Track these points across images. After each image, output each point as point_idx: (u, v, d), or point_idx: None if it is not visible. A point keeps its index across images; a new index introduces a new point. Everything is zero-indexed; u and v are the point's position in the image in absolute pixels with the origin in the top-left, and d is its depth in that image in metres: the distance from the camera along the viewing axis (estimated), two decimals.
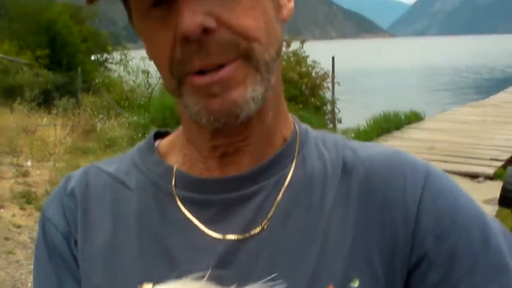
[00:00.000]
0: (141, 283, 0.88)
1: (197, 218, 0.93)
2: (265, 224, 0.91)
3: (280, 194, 0.93)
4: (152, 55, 0.90)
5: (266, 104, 0.90)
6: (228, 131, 0.91)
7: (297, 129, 1.01)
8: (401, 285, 0.90)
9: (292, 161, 0.96)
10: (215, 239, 0.91)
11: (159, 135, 1.09)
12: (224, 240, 0.90)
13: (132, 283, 0.90)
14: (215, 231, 0.91)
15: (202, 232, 0.92)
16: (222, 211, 0.93)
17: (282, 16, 0.93)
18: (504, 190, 1.16)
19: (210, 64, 0.82)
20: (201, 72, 0.83)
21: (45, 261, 1.00)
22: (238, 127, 0.90)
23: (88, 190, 1.01)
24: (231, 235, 0.90)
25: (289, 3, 0.95)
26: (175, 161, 1.00)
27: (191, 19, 0.79)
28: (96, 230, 0.98)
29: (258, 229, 0.91)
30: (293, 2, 0.95)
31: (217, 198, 0.94)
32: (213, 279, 0.74)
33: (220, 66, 0.82)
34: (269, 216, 0.92)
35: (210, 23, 0.80)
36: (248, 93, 0.84)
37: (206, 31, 0.80)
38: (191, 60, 0.82)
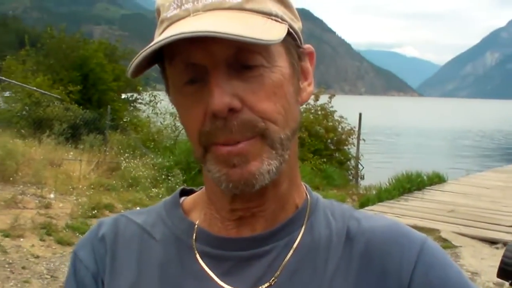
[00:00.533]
0: None
1: (212, 270, 1.05)
2: (272, 281, 1.02)
3: (289, 255, 1.05)
4: (184, 124, 1.03)
5: (281, 176, 1.03)
6: (246, 197, 1.03)
7: (309, 197, 1.13)
8: None
9: (302, 226, 1.08)
10: None
11: (184, 192, 1.21)
12: None
13: None
14: (228, 283, 1.02)
15: (216, 283, 1.03)
16: (236, 266, 1.04)
17: (301, 98, 1.07)
18: (501, 263, 1.21)
19: (231, 140, 0.94)
20: (224, 144, 0.95)
21: None
22: (255, 194, 1.02)
23: (117, 238, 1.14)
24: None
25: (309, 87, 1.09)
26: (197, 217, 1.13)
27: (220, 99, 0.92)
28: (122, 274, 1.10)
29: (266, 285, 1.02)
30: (312, 86, 1.09)
31: (232, 254, 1.05)
32: None
33: (239, 142, 0.94)
34: (277, 274, 1.03)
35: (236, 104, 0.93)
36: (264, 166, 0.96)
37: (232, 110, 0.93)
38: (216, 134, 0.95)
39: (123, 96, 25.50)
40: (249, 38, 0.87)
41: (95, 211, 10.19)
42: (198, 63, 0.94)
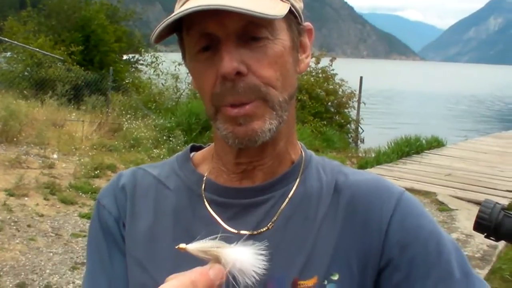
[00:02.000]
0: (172, 262, 1.17)
1: (219, 216, 1.23)
2: (270, 225, 1.20)
3: (284, 204, 1.23)
4: (197, 87, 1.18)
5: (279, 135, 1.19)
6: (249, 153, 1.21)
7: (303, 154, 1.31)
8: (372, 282, 1.18)
9: (296, 179, 1.26)
10: (232, 232, 1.19)
11: (193, 148, 1.39)
12: (238, 234, 1.18)
13: (166, 261, 1.22)
14: (232, 227, 1.20)
15: (222, 227, 1.20)
16: (239, 212, 1.22)
17: (299, 69, 1.23)
18: (477, 217, 1.31)
19: (238, 101, 1.09)
20: (232, 105, 1.11)
21: (99, 237, 1.31)
22: (256, 150, 1.19)
23: (135, 187, 1.32)
24: (244, 231, 1.19)
25: (306, 59, 1.25)
26: (205, 170, 1.31)
27: (230, 64, 1.07)
28: (141, 218, 1.28)
29: (265, 229, 1.20)
30: (310, 58, 1.26)
31: (236, 202, 1.23)
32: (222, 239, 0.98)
33: (245, 103, 1.10)
34: (274, 219, 1.21)
35: (243, 69, 1.08)
36: (266, 125, 1.12)
37: (239, 74, 1.08)
38: (225, 95, 1.10)
39: (125, 57, 25.44)
40: (257, 12, 1.02)
41: (98, 171, 10.31)
42: (212, 32, 1.09)
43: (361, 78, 20.52)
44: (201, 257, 0.94)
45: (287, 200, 1.22)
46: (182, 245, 0.95)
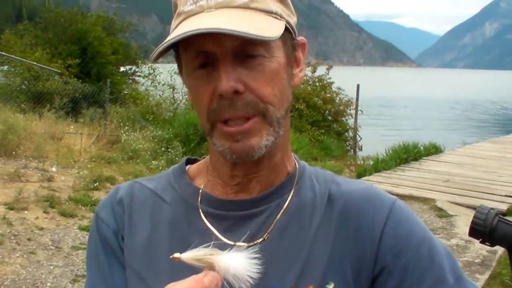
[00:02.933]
0: (169, 273, 1.18)
1: (215, 228, 1.25)
2: (266, 236, 1.23)
3: (279, 215, 1.25)
4: (194, 102, 1.21)
5: (275, 148, 1.23)
6: (245, 166, 1.23)
7: (297, 165, 1.34)
8: None
9: (291, 190, 1.29)
10: (228, 244, 1.20)
11: (189, 161, 1.41)
12: (234, 245, 1.19)
13: (163, 272, 1.24)
14: (228, 238, 1.22)
15: (219, 239, 1.22)
16: (235, 224, 1.24)
17: (293, 82, 1.25)
18: (472, 222, 1.32)
19: (235, 116, 1.12)
20: (228, 121, 1.14)
21: (98, 250, 1.33)
22: (252, 163, 1.22)
23: (133, 201, 1.35)
24: (240, 242, 1.20)
25: (300, 73, 1.28)
26: (201, 183, 1.33)
27: (227, 83, 1.10)
28: (138, 230, 1.31)
29: (260, 240, 1.22)
30: (303, 72, 1.30)
31: (232, 214, 1.26)
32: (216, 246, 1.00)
33: (243, 119, 1.13)
34: (269, 230, 1.23)
35: (240, 88, 1.11)
36: (263, 141, 1.15)
37: (236, 92, 1.11)
38: (222, 111, 1.13)
39: (122, 69, 25.46)
40: (253, 35, 1.05)
41: (97, 183, 10.33)
42: (210, 50, 1.12)
43: (358, 86, 20.54)
44: (195, 265, 0.96)
45: (282, 211, 1.25)
46: (176, 255, 0.97)
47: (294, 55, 1.25)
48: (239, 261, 0.95)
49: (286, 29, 1.18)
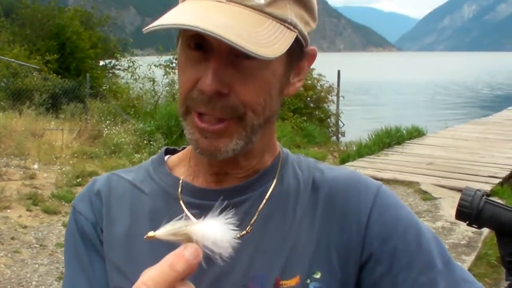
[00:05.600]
0: (150, 265, 1.13)
1: (197, 218, 1.18)
2: (249, 229, 1.19)
3: (262, 204, 1.22)
4: (179, 80, 1.16)
5: (253, 151, 1.20)
6: (221, 161, 1.18)
7: (280, 153, 1.30)
8: (354, 277, 1.18)
9: (274, 178, 1.25)
10: None
11: (168, 152, 1.38)
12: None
13: (144, 264, 1.16)
14: None
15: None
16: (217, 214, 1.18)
17: (288, 91, 1.21)
18: (458, 205, 1.31)
19: (211, 114, 1.09)
20: (202, 114, 1.10)
21: (77, 244, 1.29)
22: (228, 161, 1.18)
23: (111, 192, 1.30)
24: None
25: (298, 83, 1.23)
26: (181, 173, 1.29)
27: (210, 83, 1.06)
28: (117, 223, 1.27)
29: (244, 232, 1.18)
30: (302, 82, 1.24)
31: (214, 203, 1.16)
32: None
33: (218, 118, 1.09)
34: (253, 220, 1.20)
35: (224, 89, 1.07)
36: (231, 145, 1.12)
37: (218, 93, 1.07)
38: (199, 104, 1.09)
39: (101, 63, 25.37)
40: (250, 51, 0.98)
41: (80, 179, 10.25)
42: (208, 39, 1.06)
43: (338, 71, 20.54)
44: (172, 240, 0.92)
45: (265, 199, 1.21)
46: (150, 233, 0.94)
47: (297, 64, 1.20)
48: (216, 226, 0.91)
49: (297, 40, 1.12)
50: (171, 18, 1.03)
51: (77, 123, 15.08)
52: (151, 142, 13.40)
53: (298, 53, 1.18)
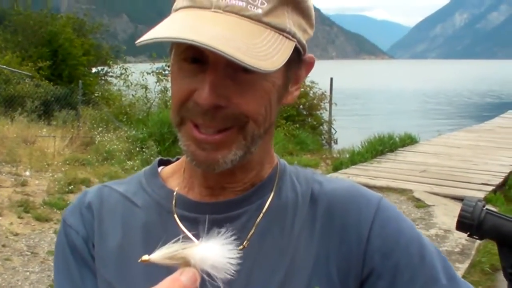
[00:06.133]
0: (143, 282, 1.09)
1: (191, 233, 1.15)
2: (246, 243, 1.14)
3: (260, 217, 1.17)
4: (172, 89, 1.12)
5: (251, 163, 1.16)
6: (217, 174, 1.13)
7: (278, 164, 1.25)
8: None
9: (271, 191, 1.20)
10: None
11: (161, 162, 1.32)
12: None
13: (137, 281, 1.15)
14: None
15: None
16: (213, 228, 1.12)
17: (286, 100, 1.17)
18: (459, 216, 1.29)
19: (210, 126, 1.05)
20: (198, 125, 1.06)
21: (68, 259, 1.23)
22: (225, 174, 1.13)
23: (102, 205, 1.25)
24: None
25: (296, 91, 1.19)
26: (175, 185, 1.24)
27: (207, 97, 1.02)
28: (109, 237, 1.22)
29: (241, 246, 1.12)
30: (299, 90, 1.21)
31: (209, 218, 1.15)
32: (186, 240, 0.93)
33: (217, 129, 1.05)
34: (250, 235, 1.15)
35: (221, 102, 1.03)
36: (230, 156, 1.08)
37: (216, 106, 1.03)
38: (196, 115, 1.05)
39: (94, 70, 25.35)
40: (249, 65, 0.94)
41: (72, 186, 10.20)
42: (204, 52, 1.02)
43: (331, 79, 20.59)
44: (168, 264, 0.89)
45: (262, 213, 1.17)
46: (145, 257, 0.90)
47: (295, 72, 1.16)
48: (215, 249, 0.88)
49: (295, 48, 1.09)
50: (164, 30, 0.99)
51: (69, 130, 15.03)
52: (144, 149, 13.36)
53: (297, 62, 1.14)
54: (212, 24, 0.99)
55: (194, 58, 1.04)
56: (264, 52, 0.99)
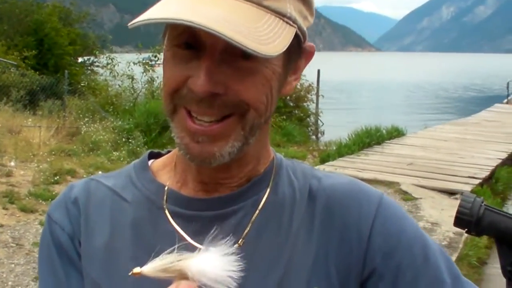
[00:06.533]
0: (131, 283, 1.03)
1: (184, 230, 1.09)
2: (241, 242, 1.07)
3: (255, 214, 1.10)
4: (164, 76, 1.04)
5: (247, 157, 1.10)
6: (211, 170, 1.08)
7: (274, 158, 1.18)
8: None
9: (267, 187, 1.13)
10: (198, 249, 1.04)
11: (151, 155, 1.25)
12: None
13: (125, 281, 1.06)
14: (199, 242, 1.02)
15: (188, 243, 1.06)
16: (206, 226, 1.06)
17: (285, 90, 1.10)
18: (457, 212, 1.26)
19: (209, 114, 0.99)
20: (194, 113, 1.00)
21: (53, 257, 1.17)
22: (220, 168, 1.07)
23: (89, 200, 1.18)
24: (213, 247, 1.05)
25: (294, 81, 1.12)
26: (166, 179, 1.17)
27: (203, 84, 0.95)
28: (96, 234, 1.14)
29: (236, 245, 1.05)
30: (298, 81, 1.15)
31: (202, 214, 1.10)
32: (183, 249, 0.88)
33: (216, 118, 0.99)
34: (245, 232, 1.08)
35: (218, 90, 0.97)
36: (227, 148, 1.01)
37: (213, 95, 0.96)
38: (191, 102, 0.99)
39: (80, 60, 25.23)
40: (250, 49, 0.89)
41: (57, 177, 10.12)
42: (200, 37, 0.97)
43: (318, 71, 20.57)
44: (162, 277, 0.84)
45: (258, 210, 1.11)
46: (136, 270, 0.85)
47: (295, 61, 1.11)
48: (214, 260, 0.83)
49: (296, 35, 1.03)
50: (160, 11, 0.93)
51: (55, 120, 14.97)
52: (130, 140, 13.29)
53: (297, 49, 1.08)
54: (211, 5, 0.93)
55: (188, 44, 0.98)
56: (265, 36, 0.94)
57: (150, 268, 0.84)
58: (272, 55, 0.93)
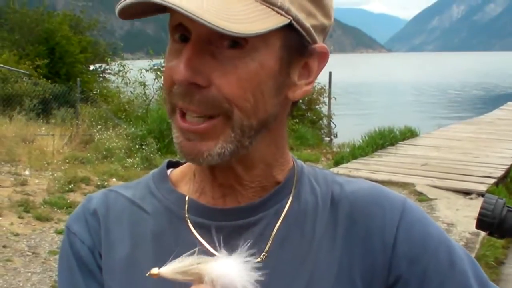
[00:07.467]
0: None
1: (206, 240, 1.07)
2: (263, 255, 1.05)
3: (278, 223, 1.08)
4: (164, 72, 1.04)
5: (251, 160, 1.06)
6: (223, 172, 1.07)
7: (295, 165, 1.15)
8: None
9: (290, 195, 1.11)
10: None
11: (170, 165, 1.22)
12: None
13: None
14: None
15: (211, 253, 1.02)
16: (229, 236, 1.04)
17: (294, 95, 1.05)
18: (479, 214, 1.25)
19: (192, 110, 0.97)
20: (184, 112, 0.99)
21: (73, 270, 1.14)
22: (224, 170, 1.06)
23: (108, 211, 1.16)
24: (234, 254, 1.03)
25: (306, 86, 1.06)
26: (185, 189, 1.15)
27: (182, 72, 0.94)
28: (117, 246, 1.12)
29: (259, 259, 1.02)
30: (311, 86, 1.08)
31: (225, 224, 1.07)
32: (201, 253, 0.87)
33: (203, 117, 0.97)
34: (269, 244, 1.06)
35: (199, 80, 0.94)
36: (216, 149, 0.98)
37: (195, 84, 0.94)
38: (178, 97, 0.98)
39: (92, 67, 25.32)
40: (220, 27, 0.86)
41: (72, 185, 10.12)
42: (185, 25, 0.95)
43: (330, 73, 20.52)
44: (180, 280, 0.83)
45: (281, 219, 1.08)
46: (154, 270, 0.83)
47: (304, 62, 1.04)
48: (235, 266, 0.82)
49: (296, 32, 0.99)
50: None
51: (68, 128, 15.01)
52: (143, 146, 13.29)
53: (299, 48, 1.02)
54: None
55: (183, 36, 0.97)
56: (241, 16, 0.91)
57: (168, 269, 0.83)
58: (242, 34, 0.89)
